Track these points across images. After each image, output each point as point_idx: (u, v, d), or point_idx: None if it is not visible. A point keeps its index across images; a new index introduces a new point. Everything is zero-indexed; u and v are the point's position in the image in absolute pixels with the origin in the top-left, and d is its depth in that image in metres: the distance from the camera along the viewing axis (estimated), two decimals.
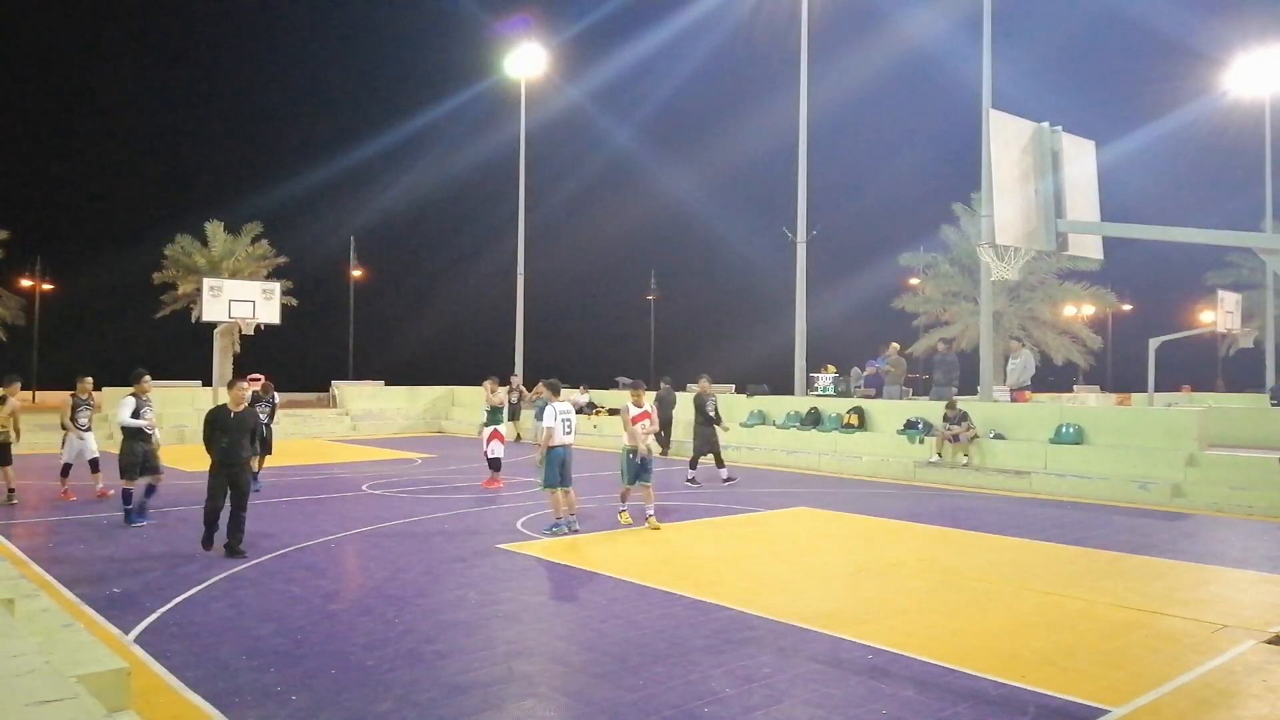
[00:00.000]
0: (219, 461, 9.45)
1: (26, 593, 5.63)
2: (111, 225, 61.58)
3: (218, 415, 9.62)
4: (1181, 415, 15.61)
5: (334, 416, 28.12)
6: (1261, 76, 30.60)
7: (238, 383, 9.96)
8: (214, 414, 9.70)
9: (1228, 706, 5.35)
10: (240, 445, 9.49)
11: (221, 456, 9.44)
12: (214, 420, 9.59)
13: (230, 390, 9.87)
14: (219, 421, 9.52)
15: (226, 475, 9.44)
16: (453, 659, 6.12)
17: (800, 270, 23.66)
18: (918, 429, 17.63)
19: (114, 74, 72.17)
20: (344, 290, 49.63)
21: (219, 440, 9.44)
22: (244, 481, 9.56)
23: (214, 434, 9.50)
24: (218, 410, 9.72)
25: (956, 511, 13.04)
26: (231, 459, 9.43)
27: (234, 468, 9.45)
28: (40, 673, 3.41)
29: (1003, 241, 8.69)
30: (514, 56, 31.88)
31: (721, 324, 65.88)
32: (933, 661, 6.10)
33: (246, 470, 9.69)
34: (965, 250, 33.01)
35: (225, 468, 9.44)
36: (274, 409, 15.53)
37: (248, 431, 9.65)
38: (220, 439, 9.44)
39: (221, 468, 9.45)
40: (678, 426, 20.69)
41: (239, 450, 9.48)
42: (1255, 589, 8.38)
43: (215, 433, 9.49)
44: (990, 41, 19.54)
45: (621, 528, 11.22)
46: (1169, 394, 28.49)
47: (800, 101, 23.83)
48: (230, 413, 9.55)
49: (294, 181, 58.08)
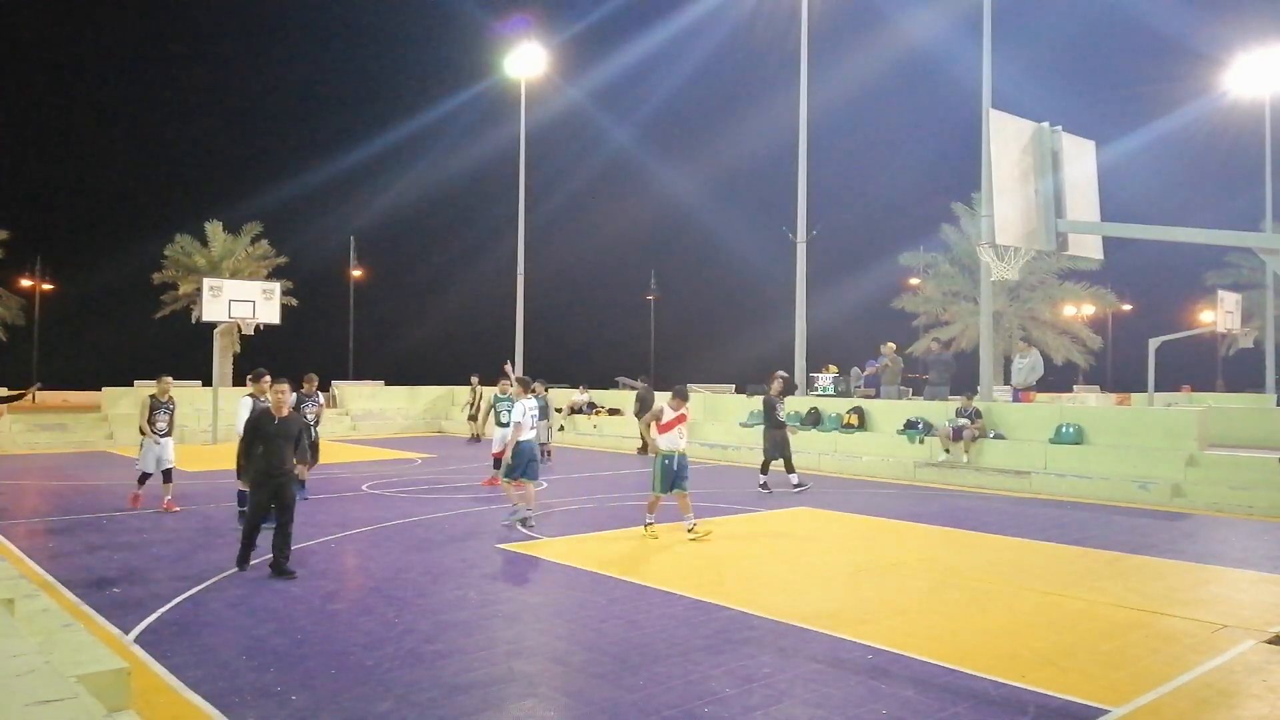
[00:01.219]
0: (260, 473, 8.46)
1: (26, 593, 5.63)
2: (111, 225, 61.63)
3: (258, 422, 8.60)
4: (1181, 415, 15.61)
5: (334, 416, 28.07)
6: (1261, 76, 30.58)
7: (279, 384, 8.83)
8: (254, 421, 8.66)
9: (1228, 706, 5.35)
10: (284, 454, 8.50)
11: (263, 468, 8.44)
12: (254, 428, 8.59)
13: (271, 393, 8.88)
14: (260, 429, 8.53)
15: (269, 488, 8.45)
16: (453, 659, 6.12)
17: (800, 270, 23.66)
18: (918, 429, 17.63)
19: (114, 74, 72.31)
20: (344, 290, 49.70)
21: (258, 450, 8.51)
22: (290, 494, 8.56)
23: (253, 443, 8.59)
24: (259, 417, 8.68)
25: (956, 511, 13.04)
26: (274, 470, 8.43)
27: (277, 479, 8.44)
28: (40, 673, 3.41)
29: (1003, 241, 8.69)
30: (514, 56, 31.87)
31: (721, 324, 66.04)
32: (933, 661, 6.10)
33: (292, 481, 8.68)
34: (965, 250, 33.01)
35: (268, 479, 8.43)
36: (320, 409, 14.07)
37: (292, 439, 8.64)
38: (260, 448, 8.49)
39: (264, 480, 8.45)
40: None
41: (282, 460, 8.48)
42: (1255, 589, 8.38)
43: (255, 442, 8.56)
44: (990, 41, 19.54)
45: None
46: (1169, 394, 28.50)
47: (800, 101, 23.83)
48: (273, 418, 8.55)
49: (294, 181, 58.22)
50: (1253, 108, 32.11)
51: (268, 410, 8.64)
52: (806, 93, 23.83)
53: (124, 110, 69.92)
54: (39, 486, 14.81)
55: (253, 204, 46.48)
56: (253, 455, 8.54)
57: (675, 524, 11.68)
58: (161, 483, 12.22)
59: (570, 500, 13.67)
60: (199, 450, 21.55)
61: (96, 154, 65.81)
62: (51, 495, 13.92)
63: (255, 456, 8.50)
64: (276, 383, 8.85)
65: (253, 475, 8.53)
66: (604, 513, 12.53)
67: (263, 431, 8.50)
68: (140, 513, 12.20)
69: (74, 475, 16.59)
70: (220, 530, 10.92)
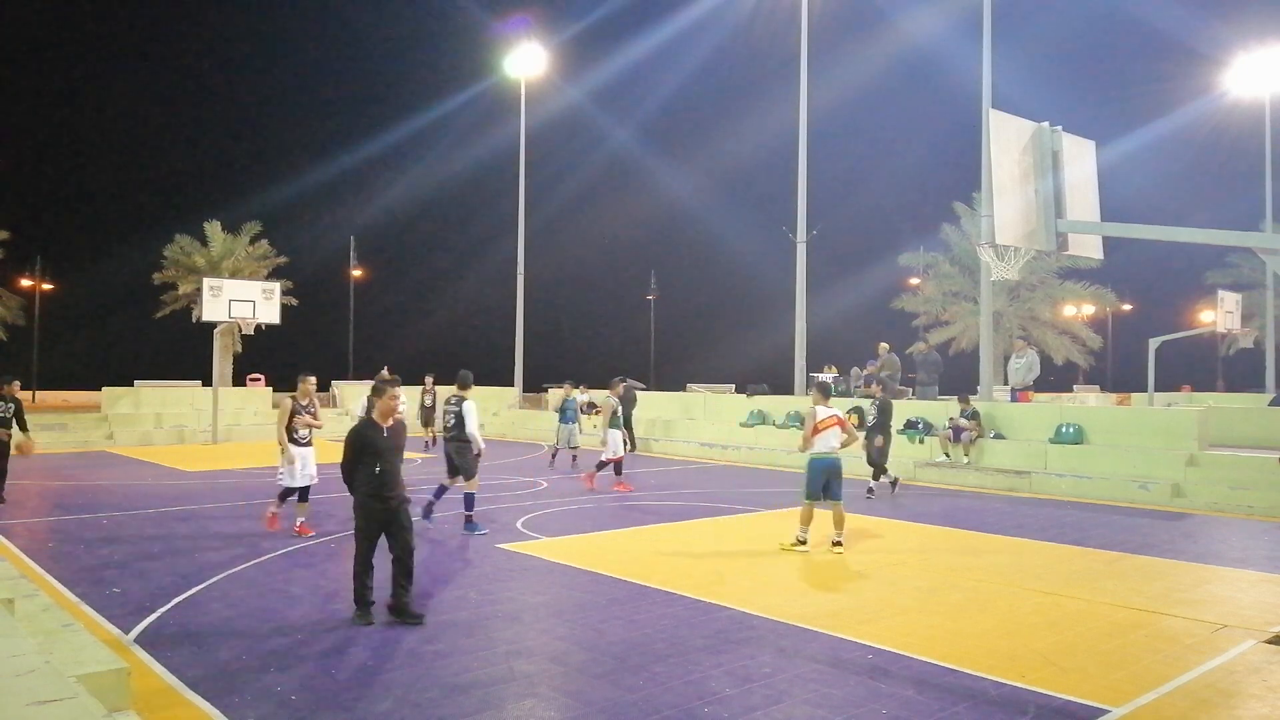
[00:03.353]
0: (371, 495, 6.99)
1: (26, 593, 5.63)
2: (111, 225, 61.72)
3: (365, 435, 7.08)
4: (1181, 415, 15.61)
5: (334, 416, 28.03)
6: (1261, 76, 30.60)
7: (388, 388, 7.19)
8: (360, 434, 7.10)
9: (1228, 706, 5.34)
10: (397, 472, 7.12)
11: (375, 488, 6.97)
12: (361, 442, 7.05)
13: (379, 399, 7.21)
14: (368, 442, 7.03)
15: (382, 513, 7.00)
16: (453, 659, 6.12)
17: (800, 270, 23.67)
18: (918, 429, 17.64)
19: (114, 74, 72.28)
20: (344, 290, 49.68)
21: (369, 467, 6.98)
22: (406, 516, 7.10)
23: (361, 459, 7.02)
24: (364, 428, 7.13)
25: (956, 511, 13.04)
26: (388, 490, 7.01)
27: (391, 501, 7.03)
28: (40, 673, 3.41)
29: (1003, 241, 8.70)
30: (514, 56, 31.89)
31: (721, 324, 66.04)
32: (933, 661, 6.10)
33: (405, 502, 7.19)
34: (966, 250, 33.02)
35: (380, 503, 6.98)
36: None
37: (402, 452, 7.30)
38: (371, 465, 6.98)
39: (373, 503, 6.99)
40: None
41: (395, 478, 7.09)
42: (1255, 589, 8.38)
43: (364, 458, 7.01)
44: (990, 41, 19.55)
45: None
46: (1169, 394, 28.50)
47: (800, 101, 23.84)
48: (381, 429, 7.11)
49: (294, 181, 58.24)
50: (1253, 108, 32.13)
51: (372, 421, 7.16)
52: (806, 92, 23.85)
53: (124, 110, 70.03)
54: (39, 486, 14.81)
55: (253, 204, 46.56)
56: (360, 475, 7.03)
57: (676, 524, 11.66)
58: (297, 501, 10.68)
59: (570, 500, 13.67)
60: (199, 450, 21.55)
61: (96, 154, 65.96)
62: (51, 495, 13.92)
63: (368, 477, 6.99)
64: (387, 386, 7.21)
65: (361, 499, 7.05)
66: (604, 513, 12.53)
67: (371, 445, 7.02)
68: (140, 513, 12.20)
69: (74, 475, 16.59)
70: (220, 530, 10.92)
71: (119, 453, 21.03)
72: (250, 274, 36.11)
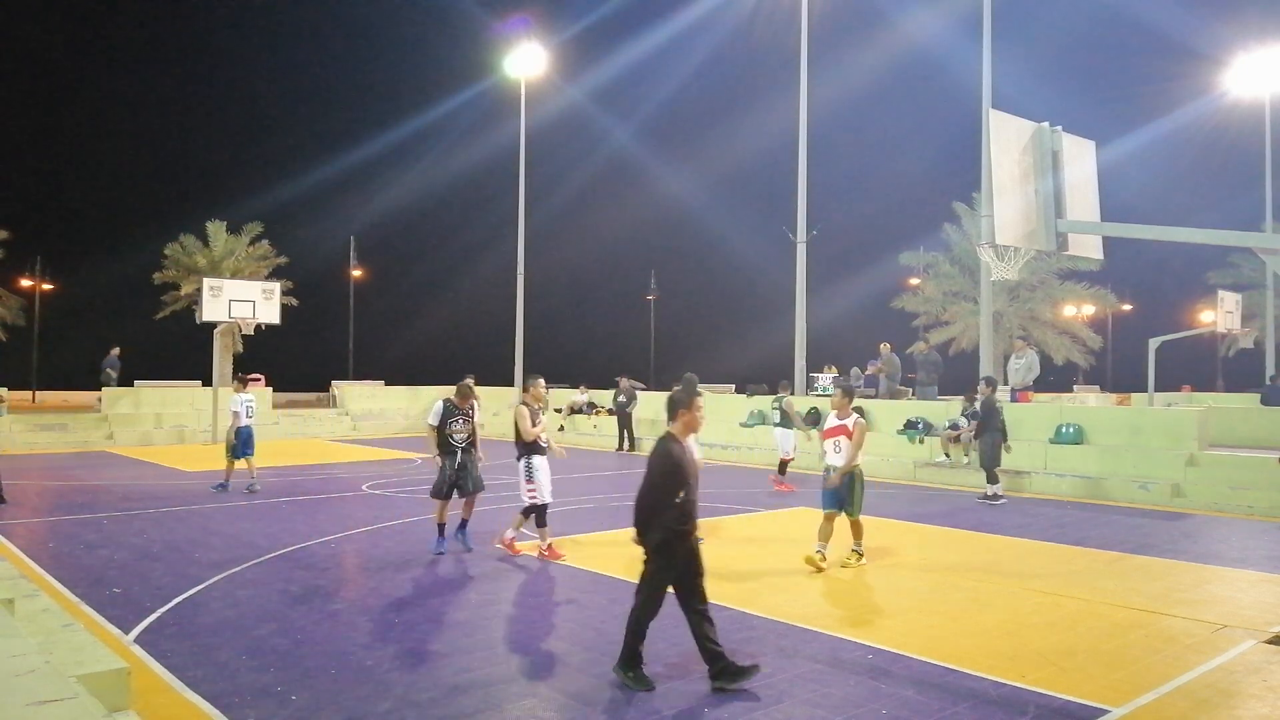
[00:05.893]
0: (678, 530, 5.66)
1: (26, 593, 5.63)
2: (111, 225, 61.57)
3: (677, 456, 5.70)
4: (1181, 415, 15.61)
5: (334, 416, 28.14)
6: (1261, 76, 30.58)
7: (693, 400, 5.87)
8: (671, 454, 5.70)
9: (1228, 706, 5.34)
10: (696, 501, 5.83)
11: (680, 521, 5.65)
12: (672, 464, 5.67)
13: (686, 413, 5.85)
14: (676, 467, 5.67)
15: (684, 552, 5.71)
16: (453, 659, 6.12)
17: (800, 270, 23.67)
18: (917, 429, 17.63)
19: (114, 74, 72.26)
20: (344, 290, 49.68)
21: (676, 494, 5.63)
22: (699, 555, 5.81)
23: (674, 486, 5.64)
24: (673, 446, 5.72)
25: (956, 511, 13.04)
26: (690, 523, 5.74)
27: (690, 538, 5.75)
28: (40, 673, 3.41)
29: (1003, 241, 8.70)
30: (514, 56, 31.87)
31: (721, 324, 66.04)
32: (933, 661, 6.10)
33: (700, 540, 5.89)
34: (966, 250, 33.00)
35: (681, 541, 5.69)
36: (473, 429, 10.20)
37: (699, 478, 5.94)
38: (679, 492, 5.64)
39: (676, 542, 5.66)
40: None
41: (695, 508, 5.82)
42: (1255, 589, 8.38)
43: (674, 485, 5.64)
44: (990, 41, 19.55)
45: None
46: (1169, 394, 28.48)
47: (800, 101, 23.84)
48: (685, 450, 5.80)
49: (294, 181, 58.11)
50: (1253, 108, 32.12)
51: (673, 437, 5.80)
52: (806, 92, 23.84)
53: (125, 110, 69.97)
54: (39, 486, 14.81)
55: (253, 204, 46.46)
56: (667, 505, 5.62)
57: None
58: (535, 525, 9.56)
59: (570, 500, 13.66)
60: (199, 450, 21.55)
61: (98, 154, 65.89)
62: (51, 495, 13.92)
63: (675, 506, 5.62)
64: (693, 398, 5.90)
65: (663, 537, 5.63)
66: (604, 513, 12.53)
67: (682, 469, 5.68)
68: (141, 513, 12.21)
69: (74, 475, 16.59)
70: (220, 530, 10.92)
71: (119, 453, 21.03)
72: (250, 274, 36.08)
